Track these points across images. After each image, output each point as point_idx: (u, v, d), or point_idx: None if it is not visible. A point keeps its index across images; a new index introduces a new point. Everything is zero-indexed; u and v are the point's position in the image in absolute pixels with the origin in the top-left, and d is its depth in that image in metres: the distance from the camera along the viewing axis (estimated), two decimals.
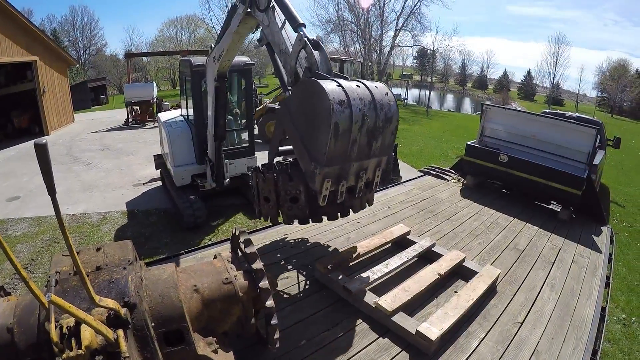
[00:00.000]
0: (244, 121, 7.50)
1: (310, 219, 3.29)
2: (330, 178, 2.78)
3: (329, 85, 2.60)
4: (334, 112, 2.51)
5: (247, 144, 7.37)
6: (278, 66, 3.60)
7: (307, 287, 3.58)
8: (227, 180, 6.78)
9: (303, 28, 3.13)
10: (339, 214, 3.30)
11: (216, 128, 5.88)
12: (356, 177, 2.98)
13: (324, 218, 3.34)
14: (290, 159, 3.70)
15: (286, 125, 3.02)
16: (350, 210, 3.33)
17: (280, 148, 3.46)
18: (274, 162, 3.59)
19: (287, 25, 3.33)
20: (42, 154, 1.24)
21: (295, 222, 3.32)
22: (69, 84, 17.31)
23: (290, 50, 3.20)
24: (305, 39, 3.01)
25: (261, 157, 7.48)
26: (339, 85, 2.65)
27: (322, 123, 2.61)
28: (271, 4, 3.40)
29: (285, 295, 3.41)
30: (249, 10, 3.70)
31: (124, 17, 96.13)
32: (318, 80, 2.64)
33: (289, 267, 3.89)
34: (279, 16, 3.39)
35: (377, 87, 2.90)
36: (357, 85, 2.77)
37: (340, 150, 2.69)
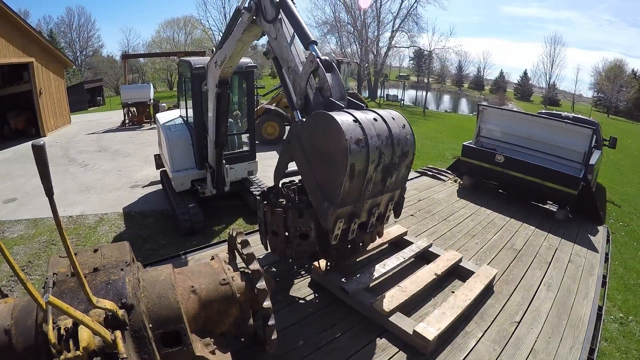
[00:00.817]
0: (244, 120, 7.43)
1: (320, 255, 3.20)
2: (343, 218, 2.65)
3: (345, 122, 2.43)
4: (351, 152, 2.36)
5: (248, 148, 7.27)
6: (286, 83, 3.30)
7: (304, 288, 3.58)
8: (228, 187, 6.66)
9: (314, 46, 2.93)
10: (349, 247, 3.22)
11: (217, 135, 5.64)
12: (368, 214, 2.86)
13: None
14: (297, 181, 3.61)
15: (297, 157, 2.87)
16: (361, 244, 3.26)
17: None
18: (280, 185, 3.48)
19: (297, 38, 3.11)
20: (40, 155, 1.24)
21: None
22: (65, 85, 17.20)
23: (301, 69, 2.98)
24: (318, 60, 2.80)
25: (261, 158, 7.52)
26: (355, 120, 2.49)
27: (337, 163, 2.45)
28: (279, 16, 3.16)
29: (282, 296, 3.41)
30: (254, 17, 3.48)
31: (121, 18, 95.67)
32: (334, 116, 2.45)
33: (286, 267, 3.89)
34: (288, 28, 3.16)
35: (395, 119, 2.73)
36: (375, 119, 2.60)
37: (354, 190, 2.57)
